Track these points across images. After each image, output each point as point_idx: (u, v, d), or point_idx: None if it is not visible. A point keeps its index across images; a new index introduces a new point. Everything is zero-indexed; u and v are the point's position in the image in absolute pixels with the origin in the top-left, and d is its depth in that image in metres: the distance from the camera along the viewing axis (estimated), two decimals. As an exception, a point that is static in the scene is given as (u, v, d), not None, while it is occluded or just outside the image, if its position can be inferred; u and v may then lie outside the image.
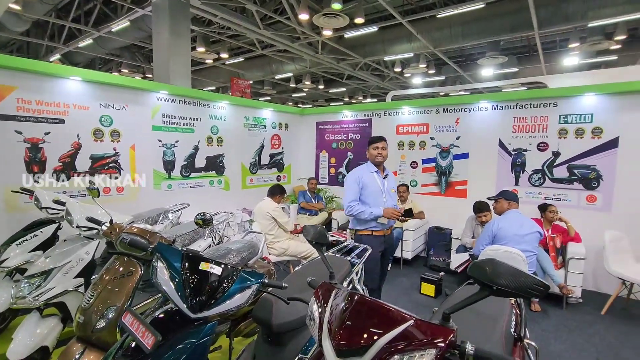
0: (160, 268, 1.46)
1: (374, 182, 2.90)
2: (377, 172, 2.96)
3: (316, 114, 6.59)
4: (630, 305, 3.72)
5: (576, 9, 6.75)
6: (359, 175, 2.91)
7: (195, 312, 1.37)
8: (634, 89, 3.92)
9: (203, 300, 1.40)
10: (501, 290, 0.93)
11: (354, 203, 2.86)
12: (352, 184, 2.90)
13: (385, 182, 2.97)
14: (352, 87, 15.30)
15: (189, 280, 1.45)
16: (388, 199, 2.93)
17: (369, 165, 3.00)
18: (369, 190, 2.88)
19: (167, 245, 1.68)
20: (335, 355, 0.96)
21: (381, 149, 2.92)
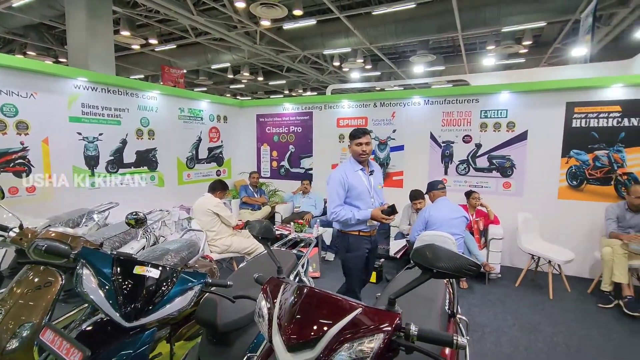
0: (86, 275, 1.32)
1: (360, 182, 2.58)
2: (362, 169, 2.62)
3: (256, 107, 6.44)
4: (538, 277, 4.29)
5: (492, 14, 7.48)
6: (342, 177, 2.55)
7: (130, 320, 1.26)
8: (539, 88, 4.48)
9: (139, 307, 1.29)
10: (441, 272, 1.00)
11: (338, 209, 2.55)
12: (337, 187, 2.56)
13: (372, 179, 2.66)
14: (292, 79, 15.22)
15: (121, 287, 1.32)
16: (376, 197, 2.66)
17: (352, 162, 2.64)
18: (356, 192, 2.57)
19: (93, 249, 1.51)
20: (286, 350, 0.95)
21: (365, 144, 2.56)
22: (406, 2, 7.68)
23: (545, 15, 7.28)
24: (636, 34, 8.09)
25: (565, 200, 4.39)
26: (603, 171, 4.19)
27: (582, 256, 4.20)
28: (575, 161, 4.31)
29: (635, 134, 4.01)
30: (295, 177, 6.00)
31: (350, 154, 2.67)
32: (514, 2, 7.20)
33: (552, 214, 4.41)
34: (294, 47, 10.07)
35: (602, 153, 4.17)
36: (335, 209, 2.56)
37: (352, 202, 2.59)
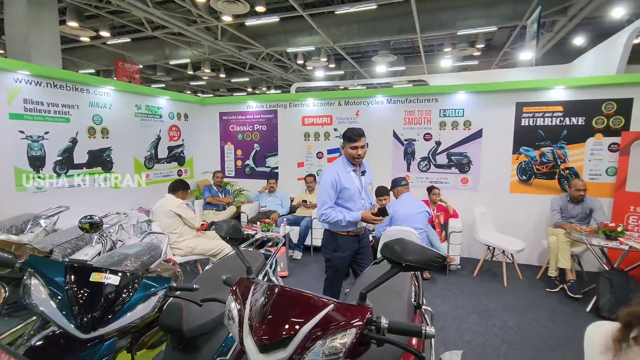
0: (35, 286, 1.21)
1: (352, 183, 2.55)
2: (354, 170, 2.59)
3: (219, 104, 6.26)
4: (493, 266, 4.57)
5: (448, 18, 7.83)
6: (335, 178, 2.51)
7: (87, 331, 1.17)
8: (491, 89, 4.77)
9: (97, 317, 1.21)
10: (409, 265, 1.04)
11: (329, 211, 2.52)
12: (328, 188, 2.52)
13: (363, 180, 2.64)
14: (255, 77, 14.97)
15: (76, 296, 1.23)
16: (366, 198, 2.65)
17: (345, 163, 2.59)
18: (349, 193, 2.55)
19: (42, 257, 1.40)
20: (258, 351, 0.94)
21: (360, 148, 2.49)
22: (368, 3, 7.83)
23: (495, 20, 7.75)
24: (574, 41, 8.85)
25: (516, 194, 4.70)
26: (548, 166, 4.54)
27: (532, 245, 4.53)
28: (524, 157, 4.63)
29: (575, 132, 4.38)
30: (261, 176, 5.92)
31: (343, 154, 2.61)
32: (468, 8, 7.59)
33: (505, 207, 4.72)
34: (257, 44, 9.91)
35: (547, 149, 4.52)
36: (325, 210, 2.53)
37: (343, 203, 2.56)
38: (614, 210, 4.15)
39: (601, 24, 8.06)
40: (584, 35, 8.64)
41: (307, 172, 5.57)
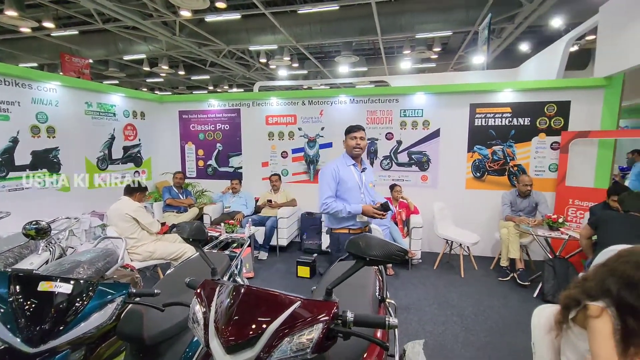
0: None
1: (351, 177, 2.61)
2: (354, 165, 2.66)
3: (178, 102, 6.03)
4: (451, 259, 4.82)
5: (407, 22, 8.11)
6: (334, 169, 2.59)
7: (36, 345, 1.09)
8: (448, 90, 5.02)
9: (46, 329, 1.12)
10: (373, 260, 1.07)
11: (330, 200, 2.55)
12: (328, 179, 2.58)
13: (363, 176, 2.68)
14: (216, 75, 14.57)
15: (22, 308, 1.14)
16: (366, 194, 2.67)
17: (345, 157, 2.69)
18: (346, 186, 2.59)
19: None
20: (224, 352, 0.93)
21: (359, 139, 2.60)
22: (330, 3, 7.91)
23: (450, 25, 8.14)
24: (521, 47, 9.52)
25: (471, 190, 4.99)
26: (499, 163, 4.86)
27: (486, 238, 4.83)
28: (478, 155, 4.92)
29: (522, 132, 4.73)
30: (224, 177, 5.78)
31: (345, 149, 2.71)
32: (425, 12, 7.90)
33: (461, 202, 4.98)
34: (218, 41, 9.67)
35: (498, 148, 4.84)
36: (326, 200, 2.56)
37: (341, 195, 2.60)
38: (556, 203, 4.53)
39: (544, 32, 8.74)
40: (529, 42, 9.33)
41: (272, 171, 5.54)
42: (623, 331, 1.42)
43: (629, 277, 1.40)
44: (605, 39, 4.32)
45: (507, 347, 2.81)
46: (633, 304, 1.39)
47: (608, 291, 1.43)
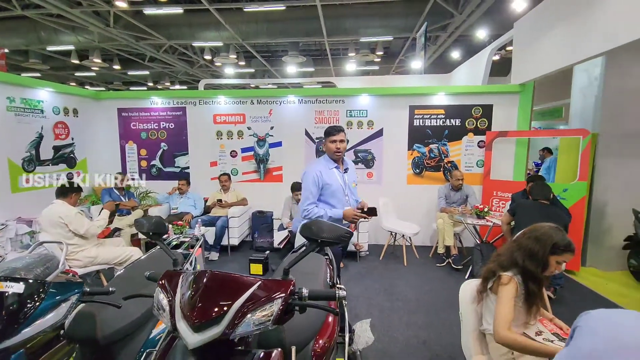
0: None
1: (334, 180, 2.56)
2: (337, 167, 2.62)
3: (117, 99, 5.67)
4: (395, 249, 5.18)
5: (351, 25, 8.46)
6: (317, 174, 2.54)
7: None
8: (390, 92, 5.39)
9: (0, 329, 1.10)
10: (324, 241, 1.23)
11: (311, 206, 2.52)
12: (310, 185, 2.53)
13: (346, 177, 2.65)
14: (156, 70, 13.80)
15: None
16: (350, 195, 2.65)
17: (327, 160, 2.63)
18: (330, 190, 2.55)
19: None
20: (192, 332, 1.00)
21: (339, 142, 2.54)
22: (276, 3, 7.96)
23: (391, 31, 8.67)
24: (452, 54, 10.40)
25: (412, 185, 5.40)
26: (435, 160, 5.33)
27: (425, 228, 5.27)
28: (417, 153, 5.35)
29: (454, 132, 5.24)
30: (170, 177, 5.58)
31: (325, 152, 2.65)
32: (368, 17, 8.30)
33: (403, 196, 5.38)
34: (158, 35, 9.20)
35: (434, 146, 5.30)
36: (308, 206, 2.53)
37: (326, 200, 2.57)
38: (483, 195, 5.10)
39: (472, 41, 9.65)
40: (461, 50, 10.24)
41: (221, 171, 5.47)
42: (526, 294, 1.74)
43: (531, 249, 1.73)
44: (519, 50, 4.97)
45: (443, 323, 3.16)
46: (534, 272, 1.71)
47: (516, 262, 1.75)
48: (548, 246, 1.72)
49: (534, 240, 1.74)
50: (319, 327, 1.63)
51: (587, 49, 3.53)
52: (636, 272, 4.15)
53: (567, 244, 1.73)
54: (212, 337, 0.98)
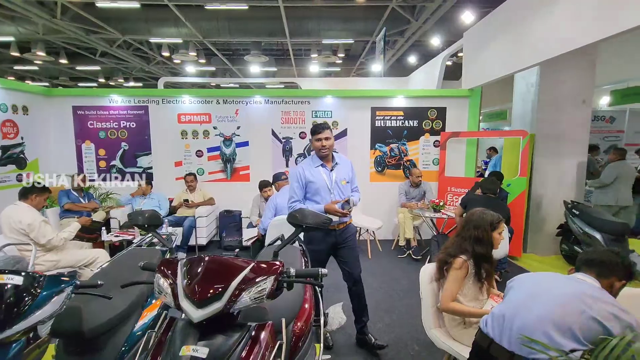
0: None
1: (319, 178, 2.59)
2: (322, 165, 2.62)
3: (72, 97, 5.39)
4: (361, 244, 5.41)
5: (314, 27, 8.65)
6: (300, 172, 2.61)
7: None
8: (353, 94, 5.66)
9: (1, 319, 1.16)
10: (308, 227, 1.46)
11: (295, 204, 2.59)
12: (293, 182, 2.64)
13: (333, 175, 2.63)
14: (108, 66, 13.07)
15: None
16: (337, 193, 2.63)
17: (313, 158, 2.66)
18: (314, 187, 2.59)
19: None
20: (196, 308, 1.13)
21: (325, 139, 2.54)
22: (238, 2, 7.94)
23: (352, 34, 8.98)
24: (410, 58, 10.98)
25: (374, 182, 5.71)
26: (396, 159, 5.68)
27: (387, 223, 5.59)
28: (379, 152, 5.67)
29: (412, 132, 5.61)
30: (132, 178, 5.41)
31: (313, 149, 2.66)
32: (330, 20, 8.54)
33: (366, 193, 5.62)
34: (111, 29, 8.76)
35: (394, 146, 5.65)
36: (291, 204, 2.62)
37: (311, 197, 2.63)
38: (439, 191, 5.53)
39: (428, 47, 10.26)
40: (418, 55, 10.83)
41: (187, 171, 5.41)
42: (478, 274, 2.04)
43: (476, 236, 2.03)
44: (468, 58, 5.45)
45: (406, 307, 3.47)
46: (485, 253, 2.02)
47: (466, 250, 2.03)
48: (487, 227, 2.04)
49: (474, 229, 2.06)
50: (297, 311, 1.80)
51: (525, 59, 4.01)
52: (567, 255, 4.75)
53: (497, 217, 2.10)
54: (214, 311, 1.13)
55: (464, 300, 2.02)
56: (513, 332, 1.35)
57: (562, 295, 1.37)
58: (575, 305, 1.30)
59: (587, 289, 1.38)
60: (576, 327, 1.26)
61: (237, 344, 1.16)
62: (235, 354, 1.14)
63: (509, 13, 4.31)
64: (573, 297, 1.34)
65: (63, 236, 3.19)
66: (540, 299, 1.37)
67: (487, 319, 1.50)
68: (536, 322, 1.31)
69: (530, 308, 1.36)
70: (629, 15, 2.65)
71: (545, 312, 1.32)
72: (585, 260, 1.55)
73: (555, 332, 1.26)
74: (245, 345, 1.18)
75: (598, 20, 2.95)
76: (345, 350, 2.85)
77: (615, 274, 1.47)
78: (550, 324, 1.28)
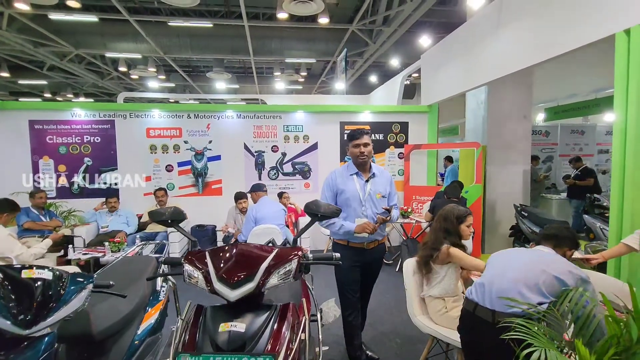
0: None
1: (351, 187, 2.39)
2: (357, 174, 2.42)
3: (28, 110, 5.06)
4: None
5: (277, 47, 8.94)
6: (331, 178, 2.43)
7: (28, 326, 1.15)
8: (322, 110, 5.95)
9: (34, 313, 1.18)
10: (323, 215, 1.70)
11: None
12: (325, 190, 2.45)
13: (368, 186, 2.41)
14: (56, 80, 12.31)
15: (9, 295, 1.16)
16: (370, 206, 2.40)
17: (349, 165, 2.46)
18: (344, 197, 2.38)
19: None
20: (231, 289, 1.26)
21: (363, 145, 2.34)
22: (202, 20, 8.02)
23: (314, 54, 9.40)
24: (370, 78, 11.65)
25: (344, 193, 5.94)
26: (364, 170, 5.99)
27: (358, 232, 5.82)
28: (348, 164, 5.94)
29: (379, 145, 5.97)
30: (95, 195, 5.15)
31: (350, 156, 2.47)
32: (292, 40, 8.88)
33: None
34: (63, 42, 8.38)
35: (362, 158, 5.96)
36: None
37: (340, 206, 2.34)
38: (405, 199, 5.90)
39: (387, 67, 10.99)
40: (377, 74, 11.53)
41: (156, 186, 5.27)
42: None
43: (445, 228, 2.33)
44: (426, 78, 6.00)
45: (383, 307, 3.71)
46: (456, 242, 2.28)
47: (443, 239, 2.29)
48: (454, 219, 2.32)
49: (443, 221, 2.35)
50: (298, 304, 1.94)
51: (475, 79, 4.55)
52: (519, 253, 5.28)
53: (464, 211, 2.38)
54: (247, 290, 1.28)
55: (448, 282, 2.28)
56: (493, 295, 1.65)
57: (528, 261, 1.74)
58: (538, 266, 1.65)
59: (546, 255, 1.79)
60: (541, 283, 1.58)
61: (268, 320, 1.30)
62: (268, 328, 1.28)
63: (461, 38, 4.87)
64: (536, 261, 1.71)
65: (33, 252, 3.00)
66: (511, 267, 1.73)
67: (471, 289, 1.81)
68: (510, 284, 1.63)
69: (504, 275, 1.69)
70: (558, 43, 3.19)
71: (516, 275, 1.65)
72: (544, 235, 1.96)
73: (525, 290, 1.58)
74: (275, 321, 1.32)
75: (534, 48, 3.50)
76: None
77: (567, 245, 1.90)
78: (521, 284, 1.60)
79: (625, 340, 1.16)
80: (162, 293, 2.17)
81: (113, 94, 14.26)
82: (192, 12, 7.99)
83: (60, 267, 1.93)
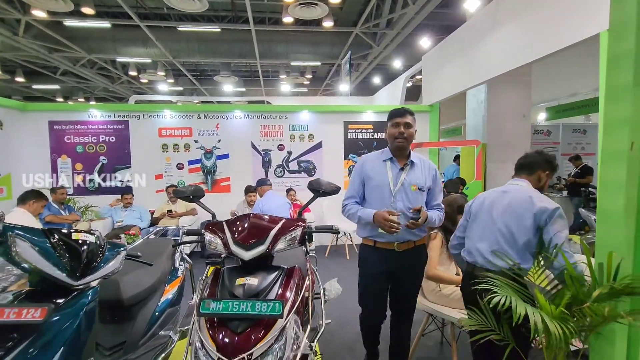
0: (23, 247, 1.28)
1: (381, 174, 2.02)
2: (392, 159, 2.04)
3: (48, 112, 5.33)
4: (338, 247, 5.79)
5: (282, 50, 9.18)
6: (359, 165, 2.12)
7: (77, 279, 1.37)
8: (327, 110, 6.14)
9: (82, 269, 1.41)
10: (324, 192, 1.87)
11: (349, 201, 2.12)
12: (354, 176, 2.13)
13: (402, 175, 2.01)
14: (68, 85, 12.69)
15: (64, 253, 1.40)
16: (401, 199, 1.98)
17: (385, 150, 2.10)
18: (371, 184, 2.04)
19: (17, 225, 1.41)
20: (245, 250, 1.49)
21: (404, 125, 1.96)
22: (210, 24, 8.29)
23: (319, 57, 9.62)
24: (374, 79, 11.84)
25: (348, 190, 6.13)
26: (367, 168, 6.17)
27: (362, 228, 5.99)
28: (352, 162, 6.13)
29: (382, 143, 6.15)
30: (110, 192, 5.39)
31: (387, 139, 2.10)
32: (297, 44, 9.12)
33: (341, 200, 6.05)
34: (77, 47, 8.70)
35: (365, 156, 6.15)
36: (345, 200, 2.16)
37: (368, 197, 2.08)
38: (407, 196, 6.06)
39: (390, 69, 11.18)
40: (381, 76, 11.73)
41: (167, 183, 5.50)
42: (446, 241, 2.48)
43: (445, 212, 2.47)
44: (427, 79, 6.18)
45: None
46: (449, 227, 2.46)
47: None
48: (456, 207, 2.50)
49: (447, 206, 2.51)
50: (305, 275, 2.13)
51: (474, 78, 4.72)
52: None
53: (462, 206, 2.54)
54: (260, 252, 1.52)
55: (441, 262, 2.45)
56: (484, 253, 1.82)
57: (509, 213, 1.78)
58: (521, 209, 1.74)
59: (523, 193, 1.78)
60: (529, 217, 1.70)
61: (277, 278, 1.53)
62: (277, 283, 1.51)
63: (459, 40, 5.06)
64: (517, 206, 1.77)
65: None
66: (491, 229, 1.83)
67: (464, 254, 1.96)
68: (496, 238, 1.79)
69: (488, 237, 1.83)
70: (549, 42, 3.36)
71: (499, 232, 1.79)
72: (518, 166, 1.93)
73: (515, 230, 1.73)
74: (283, 279, 1.54)
75: (527, 47, 3.67)
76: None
77: (540, 167, 1.84)
78: (506, 235, 1.77)
79: (583, 295, 1.34)
80: (180, 270, 2.39)
81: (123, 97, 14.64)
82: (201, 18, 8.27)
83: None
